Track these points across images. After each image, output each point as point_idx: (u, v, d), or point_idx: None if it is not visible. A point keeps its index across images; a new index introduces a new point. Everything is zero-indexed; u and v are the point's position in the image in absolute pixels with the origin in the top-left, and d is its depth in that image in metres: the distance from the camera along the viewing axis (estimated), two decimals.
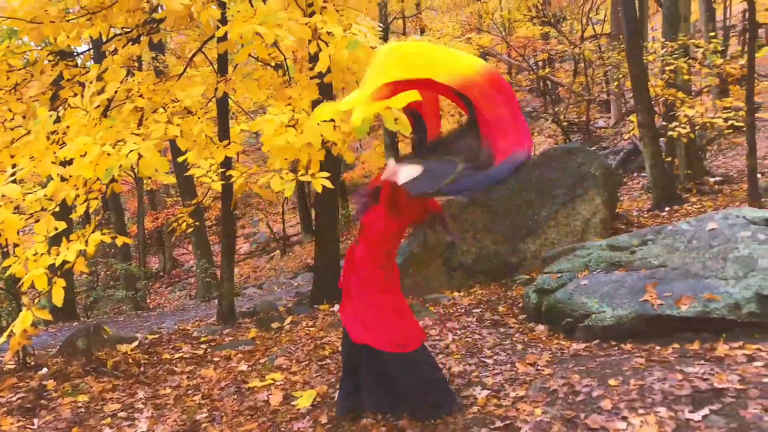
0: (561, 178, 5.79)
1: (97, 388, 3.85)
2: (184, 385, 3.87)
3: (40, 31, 4.87)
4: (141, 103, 4.57)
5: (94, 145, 3.99)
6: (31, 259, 3.82)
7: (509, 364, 3.36)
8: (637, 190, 10.09)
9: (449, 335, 4.13)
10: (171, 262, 18.97)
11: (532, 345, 3.71)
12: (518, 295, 4.94)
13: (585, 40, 13.88)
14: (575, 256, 4.26)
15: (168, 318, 8.30)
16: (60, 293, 3.78)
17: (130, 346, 4.71)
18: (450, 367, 3.44)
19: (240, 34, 4.29)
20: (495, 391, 2.99)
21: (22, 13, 4.76)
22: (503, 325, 4.26)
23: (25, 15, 4.76)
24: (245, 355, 4.39)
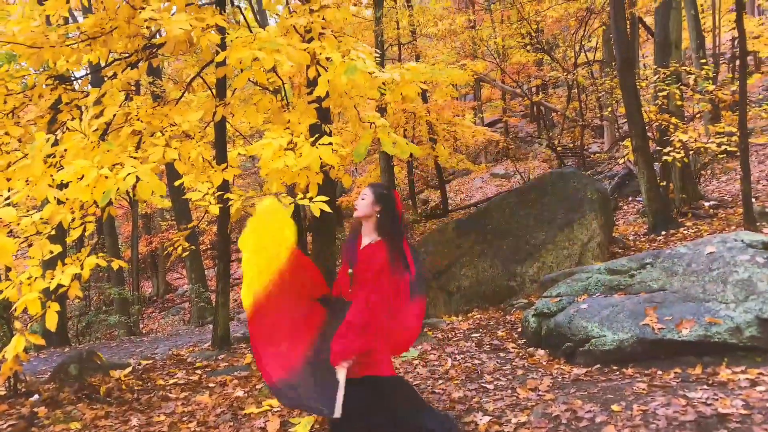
0: (557, 202, 5.81)
1: (90, 415, 3.76)
2: (178, 411, 3.79)
3: (40, 56, 4.91)
4: (139, 127, 4.58)
5: (92, 169, 3.98)
6: (25, 283, 3.78)
7: (510, 390, 3.32)
8: (632, 215, 10.14)
9: (448, 360, 4.09)
10: (164, 287, 18.82)
11: (532, 370, 3.67)
12: (517, 320, 4.91)
13: (578, 67, 14.11)
14: (574, 280, 4.25)
15: (161, 343, 8.19)
16: (54, 318, 3.72)
17: (124, 372, 4.63)
18: (450, 392, 3.39)
19: (239, 59, 4.33)
20: (496, 417, 2.94)
21: (22, 38, 4.81)
22: (503, 350, 4.22)
23: (25, 40, 4.81)
24: (241, 381, 4.32)
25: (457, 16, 17.68)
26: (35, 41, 4.83)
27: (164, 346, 7.55)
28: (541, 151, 21.34)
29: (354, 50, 4.73)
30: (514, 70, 18.64)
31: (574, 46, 14.75)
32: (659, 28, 8.63)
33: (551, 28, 18.71)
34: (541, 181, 6.12)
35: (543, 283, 4.90)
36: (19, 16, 4.94)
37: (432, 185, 22.66)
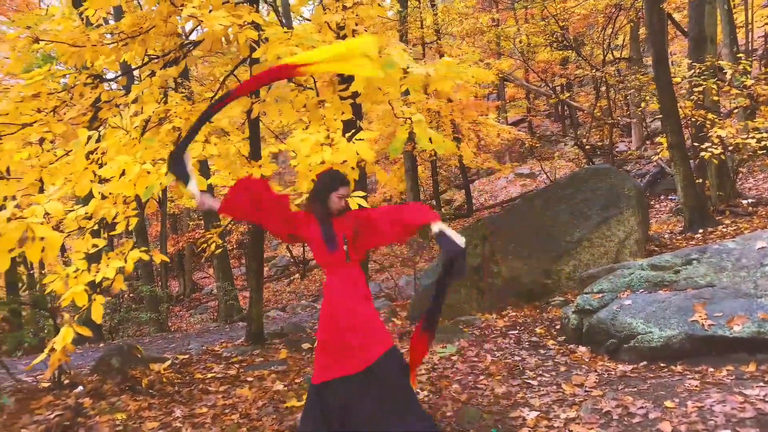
0: (593, 198, 5.73)
1: (134, 406, 3.82)
2: (220, 404, 3.82)
3: (81, 55, 5.00)
4: (178, 123, 4.64)
5: (134, 164, 4.05)
6: (71, 276, 3.85)
7: (555, 386, 3.27)
8: (665, 213, 9.95)
9: (488, 356, 4.05)
10: (191, 286, 19.07)
11: (575, 366, 3.62)
12: (555, 317, 4.85)
13: (607, 64, 13.89)
14: (616, 276, 4.17)
15: (193, 339, 8.28)
16: (99, 310, 3.79)
17: (163, 366, 4.69)
18: (493, 388, 3.35)
19: (277, 55, 4.35)
20: (543, 412, 2.90)
21: (64, 38, 4.90)
22: (542, 347, 4.16)
23: (66, 39, 4.90)
24: (279, 375, 4.34)
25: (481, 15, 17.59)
26: (76, 40, 4.92)
27: (196, 343, 7.64)
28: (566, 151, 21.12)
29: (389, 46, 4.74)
30: (540, 69, 18.46)
31: (602, 43, 14.53)
32: (693, 22, 8.45)
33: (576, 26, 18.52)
34: (576, 178, 6.03)
35: (582, 279, 4.83)
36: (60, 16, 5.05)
37: (455, 185, 22.56)
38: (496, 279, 5.78)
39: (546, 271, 5.58)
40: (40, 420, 3.63)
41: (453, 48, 18.60)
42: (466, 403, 3.18)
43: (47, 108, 5.28)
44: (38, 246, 3.63)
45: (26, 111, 4.97)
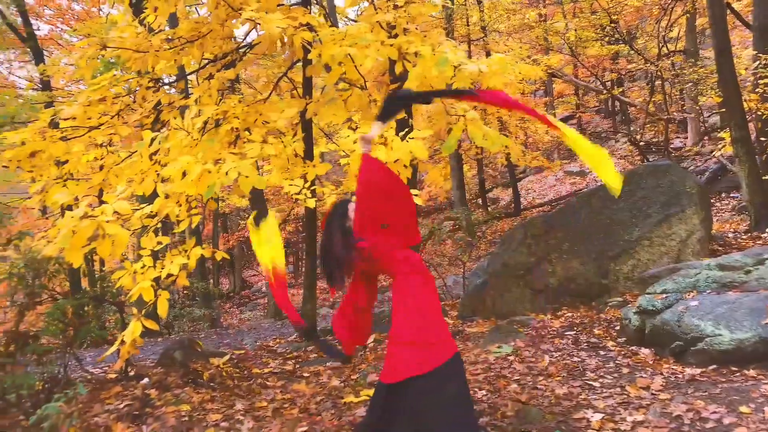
0: (653, 196, 5.53)
1: (197, 398, 3.95)
2: (278, 398, 3.90)
3: (145, 60, 5.19)
4: (236, 124, 4.76)
5: (197, 164, 4.19)
6: (139, 272, 4.02)
7: (618, 388, 3.19)
8: (727, 212, 9.53)
9: (545, 357, 3.98)
10: (241, 283, 19.55)
11: (638, 368, 3.51)
12: (613, 318, 4.72)
13: (662, 58, 13.39)
14: (681, 276, 4.02)
15: (246, 335, 8.49)
16: (165, 305, 3.95)
17: (222, 360, 4.83)
18: (553, 389, 3.30)
19: (332, 56, 4.41)
20: (609, 414, 2.83)
21: (129, 44, 5.11)
22: (602, 348, 4.06)
23: (131, 45, 5.11)
24: (335, 372, 4.40)
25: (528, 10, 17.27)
26: (139, 46, 5.12)
27: (249, 338, 7.83)
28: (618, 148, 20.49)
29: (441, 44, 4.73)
30: (589, 64, 17.98)
31: (657, 36, 14.02)
32: (759, 10, 8.04)
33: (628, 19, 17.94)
34: (634, 175, 5.84)
35: (642, 279, 4.68)
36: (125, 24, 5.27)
37: (502, 183, 22.26)
38: (551, 279, 5.67)
39: (603, 270, 5.43)
40: (111, 409, 3.80)
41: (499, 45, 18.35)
42: (527, 403, 3.14)
43: (112, 112, 5.53)
44: (108, 243, 3.80)
45: (93, 115, 5.21)
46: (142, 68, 5.24)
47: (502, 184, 22.19)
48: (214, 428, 3.43)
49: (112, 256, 4.22)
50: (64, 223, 3.66)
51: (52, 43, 15.13)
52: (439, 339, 2.46)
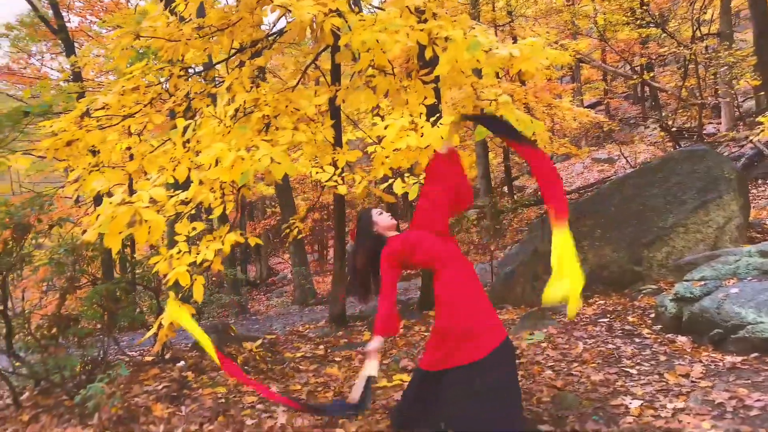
0: (689, 182, 5.41)
1: (232, 381, 4.02)
2: (312, 381, 3.96)
3: (177, 49, 5.24)
4: (267, 111, 4.79)
5: (230, 151, 4.23)
6: (175, 257, 4.09)
7: (656, 375, 3.15)
8: (764, 198, 9.26)
9: (579, 344, 3.95)
10: (267, 271, 19.77)
11: (676, 356, 3.46)
12: (647, 305, 4.65)
13: (696, 41, 13.01)
14: (720, 263, 3.94)
15: (275, 321, 8.61)
16: (200, 290, 4.01)
17: (255, 344, 4.90)
18: (589, 375, 3.27)
19: (362, 41, 4.38)
20: (648, 401, 2.80)
21: (161, 34, 5.16)
22: (637, 336, 4.00)
23: (163, 35, 5.16)
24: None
25: None
26: (171, 35, 5.17)
27: (278, 324, 7.94)
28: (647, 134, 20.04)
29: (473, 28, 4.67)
30: (619, 48, 17.57)
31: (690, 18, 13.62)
32: None
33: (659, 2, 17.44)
34: (669, 160, 5.71)
35: (678, 266, 4.59)
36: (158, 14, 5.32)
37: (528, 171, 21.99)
38: (582, 266, 5.58)
39: (636, 257, 5.34)
40: (149, 390, 3.90)
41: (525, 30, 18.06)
42: (562, 389, 3.12)
43: (144, 101, 5.61)
44: (145, 228, 3.88)
45: (127, 103, 5.30)
46: (174, 57, 5.29)
47: (528, 172, 21.93)
48: (250, 410, 3.50)
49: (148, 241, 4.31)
50: (103, 209, 3.74)
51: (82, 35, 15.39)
52: (487, 326, 2.46)
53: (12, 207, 4.10)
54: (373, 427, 3.00)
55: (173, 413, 3.49)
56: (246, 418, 3.36)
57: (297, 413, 3.33)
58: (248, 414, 3.42)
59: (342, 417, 3.03)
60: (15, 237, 4.19)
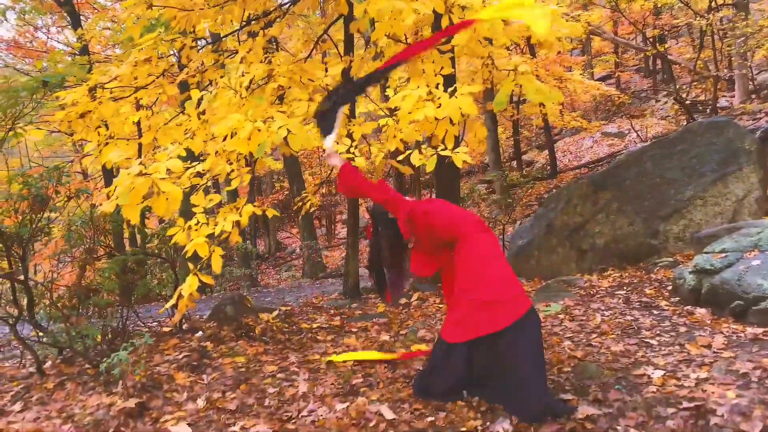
0: (708, 154, 5.34)
1: (251, 351, 4.07)
2: (330, 352, 3.99)
3: (190, 19, 5.16)
4: (282, 82, 4.74)
5: (247, 122, 4.20)
6: (193, 228, 4.10)
7: (677, 346, 3.15)
8: None
9: (597, 315, 3.95)
10: (275, 245, 19.87)
11: (696, 328, 3.46)
12: (664, 278, 4.64)
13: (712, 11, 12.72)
14: (741, 235, 3.91)
15: (287, 294, 8.68)
16: (219, 261, 4.02)
17: (271, 315, 4.95)
18: (608, 346, 3.28)
19: (379, 10, 4.30)
20: (670, 371, 2.80)
21: (174, 3, 5.09)
22: (655, 308, 4.00)
23: (176, 4, 5.09)
24: (382, 327, 4.47)
25: None
26: (184, 5, 5.09)
27: (291, 296, 8.01)
28: (658, 108, 19.77)
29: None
30: (632, 19, 17.21)
31: None
32: None
33: None
34: (689, 132, 5.63)
35: (699, 239, 4.56)
36: None
37: (536, 146, 21.82)
38: (598, 239, 5.58)
39: (652, 230, 5.32)
40: (170, 359, 3.95)
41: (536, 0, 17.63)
42: (582, 359, 3.13)
43: (156, 72, 5.55)
44: (162, 200, 3.87)
45: (140, 75, 5.25)
46: (187, 27, 5.22)
47: (536, 147, 21.76)
48: (271, 379, 3.54)
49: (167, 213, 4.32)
50: (121, 181, 3.73)
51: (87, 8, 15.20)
52: (511, 295, 2.48)
53: (30, 179, 4.09)
54: (395, 395, 3.03)
55: (195, 381, 3.53)
56: (267, 386, 3.41)
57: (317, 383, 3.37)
58: (269, 382, 3.46)
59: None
60: (33, 209, 4.20)
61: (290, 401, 3.17)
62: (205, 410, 3.13)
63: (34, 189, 4.03)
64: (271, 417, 2.96)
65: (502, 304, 2.45)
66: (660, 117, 18.64)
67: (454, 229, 2.71)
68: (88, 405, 3.27)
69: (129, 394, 3.24)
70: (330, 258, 15.92)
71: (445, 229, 2.75)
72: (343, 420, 2.82)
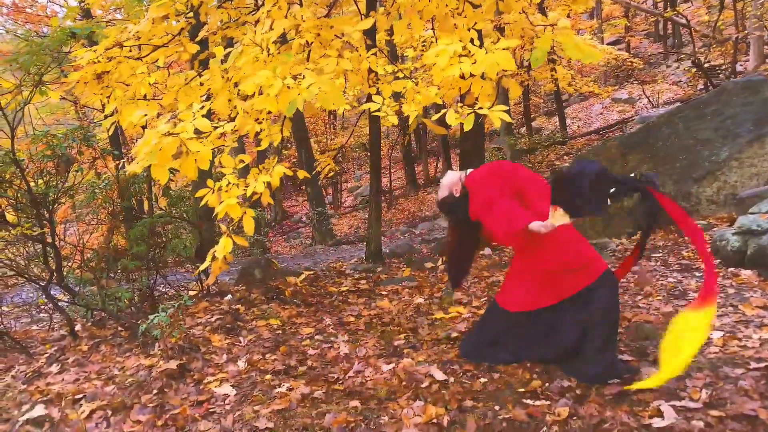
0: (742, 114, 5.19)
1: (285, 313, 4.01)
2: (365, 313, 3.94)
3: None
4: (310, 38, 4.56)
5: (276, 79, 4.04)
6: (224, 190, 4.00)
7: (731, 307, 3.08)
8: None
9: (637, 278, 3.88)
10: (282, 213, 19.81)
11: (744, 289, 3.39)
12: None
13: None
14: None
15: (303, 260, 8.63)
16: (251, 223, 3.93)
17: (299, 279, 4.88)
18: (657, 307, 3.22)
19: None
20: (729, 332, 2.74)
21: None
22: (696, 270, 3.93)
23: None
24: (414, 290, 4.41)
25: None
26: None
27: (307, 262, 7.94)
28: (669, 73, 19.43)
29: None
30: None
31: None
32: None
33: None
34: (723, 92, 5.46)
35: (740, 200, 4.46)
36: None
37: (545, 112, 21.53)
38: (627, 202, 5.47)
39: (684, 193, 5.21)
40: (203, 322, 3.90)
41: None
42: (632, 320, 3.07)
43: (174, 31, 5.35)
44: (192, 160, 3.75)
45: (158, 33, 5.05)
46: None
47: (544, 113, 21.48)
48: (309, 340, 3.49)
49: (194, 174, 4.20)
50: (148, 141, 3.61)
51: None
52: (587, 261, 2.43)
53: (54, 139, 3.97)
54: (441, 357, 2.98)
55: (232, 344, 3.48)
56: (307, 348, 3.36)
57: (358, 344, 3.32)
58: (308, 344, 3.42)
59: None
60: (58, 170, 4.09)
61: (333, 362, 3.12)
62: (246, 372, 3.09)
63: (59, 149, 3.91)
64: (316, 378, 2.92)
65: (575, 272, 2.41)
66: (672, 82, 18.33)
67: (531, 180, 2.63)
68: (127, 367, 3.23)
69: (169, 356, 3.19)
70: (338, 226, 15.86)
71: (525, 176, 2.66)
72: (391, 381, 2.77)
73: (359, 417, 2.42)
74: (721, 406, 2.09)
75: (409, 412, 2.39)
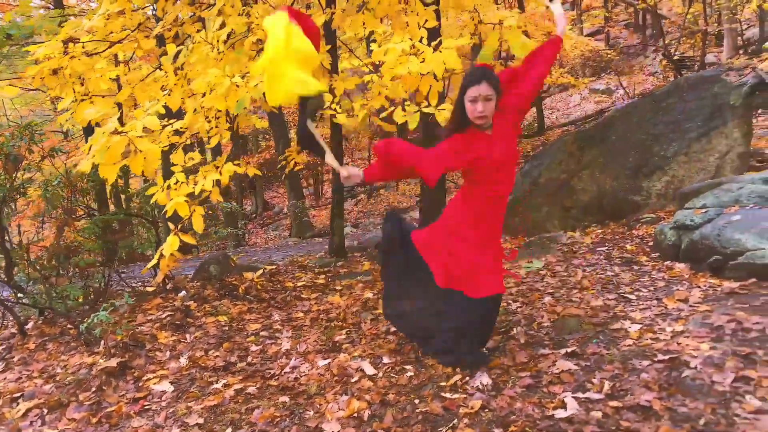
0: (695, 109, 5.30)
1: (235, 310, 4.08)
2: (314, 309, 4.01)
3: None
4: (261, 36, 4.58)
5: (224, 78, 4.08)
6: (172, 188, 4.03)
7: (655, 300, 3.19)
8: (762, 128, 9.19)
9: (578, 271, 3.99)
10: (262, 205, 19.77)
11: (675, 282, 3.50)
12: (646, 234, 4.68)
13: None
14: (722, 191, 3.92)
15: (273, 253, 8.68)
16: (200, 221, 3.97)
17: (256, 274, 4.94)
18: (588, 301, 3.32)
19: None
20: (647, 325, 2.85)
21: None
22: (635, 263, 4.04)
23: None
24: (367, 285, 4.48)
25: None
26: None
27: (278, 255, 8.00)
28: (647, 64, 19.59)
29: None
30: None
31: None
32: None
33: None
34: (677, 87, 5.57)
35: (681, 195, 4.57)
36: None
37: None
38: (582, 196, 5.59)
39: (635, 187, 5.33)
40: (153, 319, 3.95)
41: None
42: (561, 314, 3.17)
43: (131, 26, 5.33)
44: (140, 158, 3.77)
45: (114, 29, 5.03)
46: None
47: None
48: (254, 337, 3.56)
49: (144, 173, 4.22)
50: (96, 139, 3.63)
51: None
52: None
53: (2, 138, 3.97)
54: (377, 351, 3.06)
55: (178, 340, 3.54)
56: (251, 344, 3.43)
57: (300, 340, 3.39)
58: (253, 340, 3.48)
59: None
60: (7, 168, 4.09)
61: (273, 358, 3.19)
62: (187, 368, 3.15)
63: (6, 148, 3.92)
64: (253, 374, 2.99)
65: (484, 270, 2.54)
66: (648, 73, 18.50)
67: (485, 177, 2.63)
68: (70, 365, 3.28)
69: (110, 354, 3.24)
70: (318, 218, 15.88)
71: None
72: (324, 376, 2.84)
73: (286, 412, 2.49)
74: (621, 397, 2.19)
75: (334, 407, 2.47)
